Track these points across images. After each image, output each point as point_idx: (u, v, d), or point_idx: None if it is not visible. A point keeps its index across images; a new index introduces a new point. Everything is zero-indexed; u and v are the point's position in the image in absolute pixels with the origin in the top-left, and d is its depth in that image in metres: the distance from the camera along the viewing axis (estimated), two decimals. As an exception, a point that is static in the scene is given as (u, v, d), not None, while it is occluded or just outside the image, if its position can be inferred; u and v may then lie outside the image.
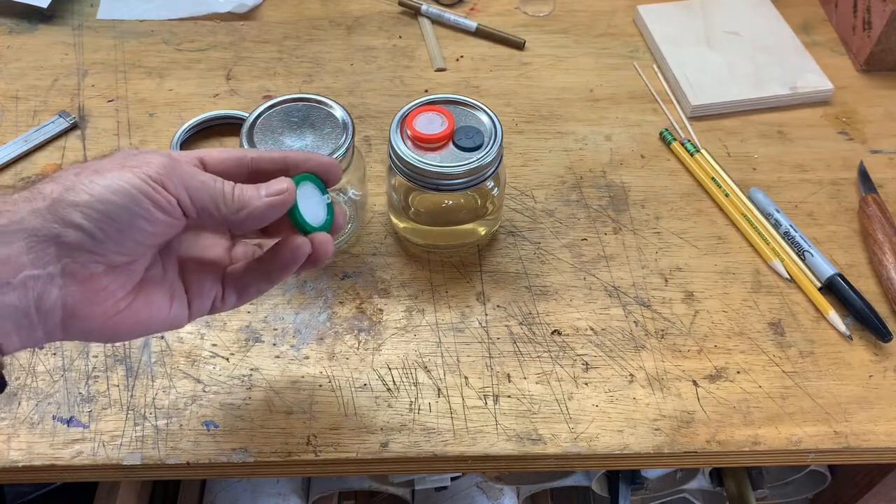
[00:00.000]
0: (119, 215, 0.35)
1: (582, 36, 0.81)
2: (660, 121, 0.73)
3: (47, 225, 0.34)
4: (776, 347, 0.58)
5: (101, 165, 0.36)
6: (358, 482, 0.81)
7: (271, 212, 0.40)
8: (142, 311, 0.39)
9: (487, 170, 0.56)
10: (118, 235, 0.35)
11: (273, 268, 0.43)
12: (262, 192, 0.40)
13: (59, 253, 0.34)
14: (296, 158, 0.43)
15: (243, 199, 0.39)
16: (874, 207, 0.64)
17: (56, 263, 0.34)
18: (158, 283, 0.41)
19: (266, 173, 0.42)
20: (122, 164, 0.36)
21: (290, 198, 0.41)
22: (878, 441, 0.53)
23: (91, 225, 0.34)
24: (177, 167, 0.37)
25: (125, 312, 0.38)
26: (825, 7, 0.84)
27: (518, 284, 0.61)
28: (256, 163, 0.42)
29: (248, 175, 0.42)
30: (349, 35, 0.81)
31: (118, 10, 0.82)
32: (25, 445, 0.52)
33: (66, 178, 0.35)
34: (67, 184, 0.35)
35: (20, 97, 0.73)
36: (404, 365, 0.56)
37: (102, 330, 0.38)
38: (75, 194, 0.34)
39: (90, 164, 0.37)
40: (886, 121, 0.74)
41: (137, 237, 0.36)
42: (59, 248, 0.34)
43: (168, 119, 0.72)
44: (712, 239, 0.64)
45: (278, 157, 0.42)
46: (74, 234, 0.34)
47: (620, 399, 0.55)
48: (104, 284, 0.37)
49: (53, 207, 0.34)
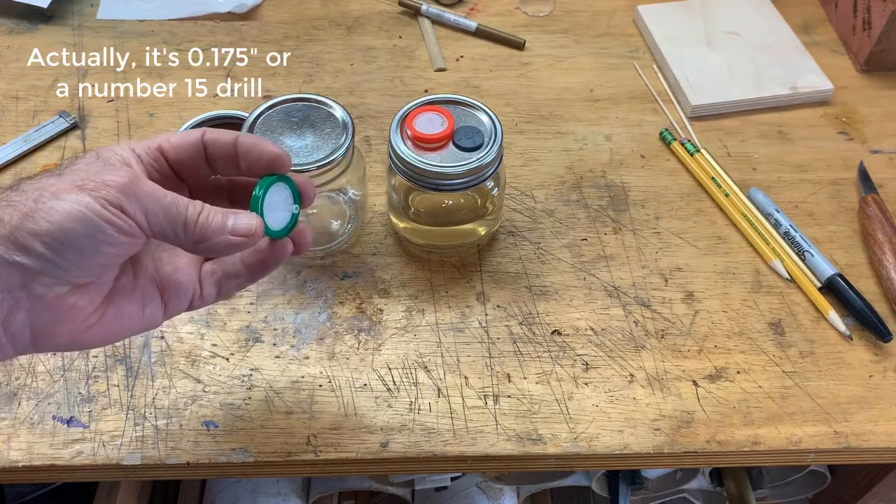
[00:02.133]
0: (80, 242, 0.34)
1: (582, 36, 0.81)
2: (660, 121, 0.73)
3: (9, 252, 0.33)
4: (776, 347, 0.58)
5: (59, 187, 0.35)
6: (358, 482, 0.81)
7: (233, 250, 0.39)
8: (112, 321, 0.39)
9: (487, 170, 0.56)
10: (81, 260, 0.35)
11: (255, 267, 0.43)
12: (228, 223, 0.38)
13: (24, 279, 0.34)
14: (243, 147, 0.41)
15: (207, 230, 0.37)
16: (874, 207, 0.64)
17: (21, 289, 0.34)
18: (129, 292, 0.40)
19: (220, 160, 0.41)
20: (80, 186, 0.34)
21: (256, 240, 0.39)
22: (878, 441, 0.53)
23: (52, 254, 0.34)
24: (136, 189, 0.36)
25: (95, 326, 0.38)
26: (825, 7, 0.84)
27: (518, 284, 0.61)
28: (210, 149, 0.41)
29: (205, 158, 0.41)
30: (349, 35, 0.81)
31: (118, 10, 0.82)
32: (25, 445, 0.52)
33: (25, 203, 0.34)
34: (26, 209, 0.34)
35: (20, 97, 0.73)
36: (404, 365, 0.56)
37: (74, 344, 0.38)
38: (35, 223, 0.33)
39: (47, 182, 0.35)
40: (886, 121, 0.74)
41: (101, 260, 0.36)
42: (23, 274, 0.34)
43: (168, 119, 0.72)
44: (712, 239, 0.64)
45: (230, 142, 0.40)
46: (37, 263, 0.34)
47: (620, 399, 0.55)
48: (72, 303, 0.36)
49: (13, 236, 0.33)
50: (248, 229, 0.38)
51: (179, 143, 0.40)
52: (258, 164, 0.41)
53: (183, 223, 0.37)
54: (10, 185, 0.36)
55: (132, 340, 0.57)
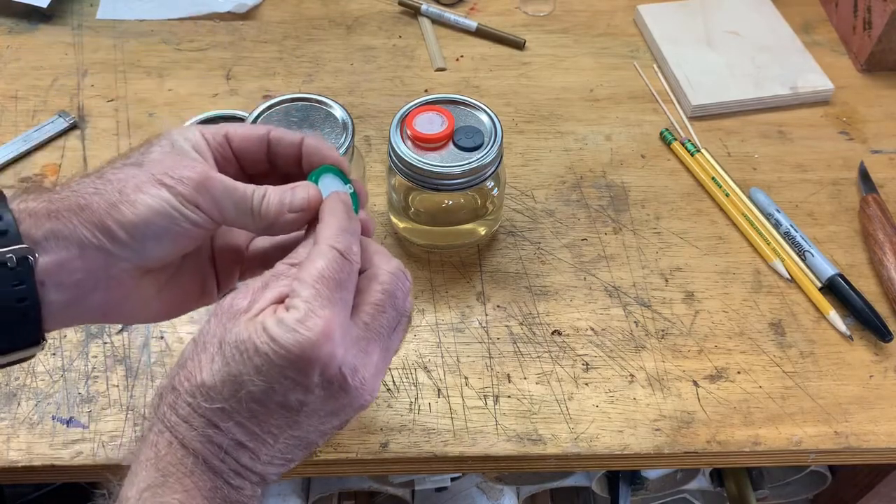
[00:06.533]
0: (160, 233, 0.37)
1: (582, 36, 0.81)
2: (660, 121, 0.73)
3: (97, 238, 0.36)
4: (776, 348, 0.58)
5: (141, 179, 0.37)
6: (358, 482, 0.81)
7: (295, 225, 0.40)
8: (173, 298, 0.42)
9: (487, 170, 0.56)
10: (158, 248, 0.38)
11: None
12: (285, 203, 0.39)
13: (107, 261, 0.37)
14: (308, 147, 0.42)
15: (269, 214, 0.39)
16: (874, 207, 0.64)
17: (102, 270, 0.37)
18: (189, 271, 0.43)
19: (282, 157, 0.42)
20: (160, 181, 0.37)
21: (312, 213, 0.40)
22: (878, 441, 0.53)
23: (134, 242, 0.37)
24: (209, 184, 0.38)
25: (156, 302, 0.41)
26: (825, 7, 0.84)
27: (518, 284, 0.61)
28: (275, 146, 0.42)
29: (267, 153, 0.42)
30: (349, 35, 0.81)
31: (118, 10, 0.82)
32: (25, 446, 0.52)
33: (112, 194, 0.37)
34: (113, 199, 0.37)
35: (20, 97, 0.73)
36: (404, 365, 0.56)
37: (137, 318, 0.42)
38: (120, 213, 0.36)
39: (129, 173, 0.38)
40: (887, 121, 0.74)
41: (176, 249, 0.39)
42: (106, 257, 0.37)
43: (168, 119, 0.72)
44: (712, 239, 0.64)
45: (296, 142, 0.42)
46: (119, 248, 0.37)
47: (620, 399, 0.55)
48: (141, 283, 0.39)
49: (102, 223, 0.36)
50: (304, 202, 0.40)
51: (245, 135, 0.42)
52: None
53: (250, 212, 0.39)
54: (94, 172, 0.38)
55: (132, 341, 0.57)
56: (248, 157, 0.42)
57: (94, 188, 0.37)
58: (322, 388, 0.35)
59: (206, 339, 0.36)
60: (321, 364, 0.34)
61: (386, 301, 0.39)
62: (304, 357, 0.34)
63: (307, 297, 0.35)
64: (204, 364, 0.35)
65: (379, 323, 0.38)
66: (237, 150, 0.42)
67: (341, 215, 0.39)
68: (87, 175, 0.38)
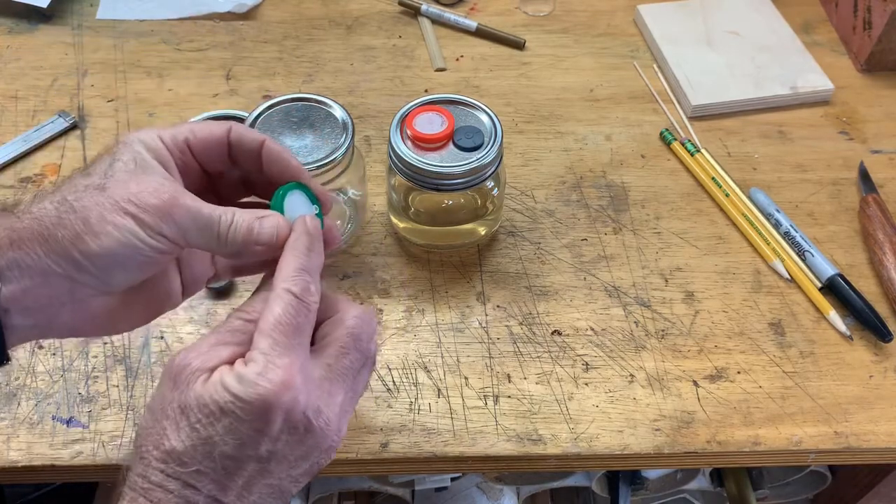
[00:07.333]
0: (125, 262, 0.37)
1: (582, 36, 0.81)
2: (660, 121, 0.73)
3: (62, 267, 0.37)
4: (776, 348, 0.58)
5: (105, 208, 0.37)
6: (358, 482, 0.81)
7: (263, 256, 0.40)
8: (138, 310, 0.42)
9: (487, 170, 0.56)
10: (124, 276, 0.38)
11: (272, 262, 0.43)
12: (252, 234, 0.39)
13: (71, 287, 0.37)
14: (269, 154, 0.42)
15: (236, 243, 0.39)
16: (874, 207, 0.64)
17: (67, 294, 0.38)
18: (153, 285, 0.42)
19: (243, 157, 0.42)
20: (123, 209, 0.37)
21: (281, 242, 0.40)
22: (878, 441, 0.53)
23: (101, 272, 0.37)
24: (175, 213, 0.37)
25: (123, 316, 0.41)
26: (825, 7, 0.84)
27: (518, 284, 0.61)
28: (235, 147, 0.42)
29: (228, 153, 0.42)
30: (349, 35, 0.81)
31: (118, 10, 0.82)
32: (25, 446, 0.52)
33: (76, 223, 0.36)
34: (76, 229, 0.36)
35: (20, 97, 0.73)
36: (404, 365, 0.56)
37: (104, 332, 0.42)
38: (85, 245, 0.36)
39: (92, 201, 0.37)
40: (887, 121, 0.74)
41: (142, 274, 0.39)
42: (70, 284, 0.37)
43: (168, 119, 0.72)
44: (712, 239, 0.64)
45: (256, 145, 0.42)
46: (85, 277, 0.37)
47: (620, 399, 0.55)
48: (106, 302, 0.40)
49: (67, 253, 0.36)
50: (271, 238, 0.39)
51: (205, 138, 0.41)
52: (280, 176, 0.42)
53: (216, 239, 0.39)
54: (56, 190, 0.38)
55: (132, 341, 0.57)
56: (208, 158, 0.42)
57: (58, 216, 0.37)
58: (288, 434, 0.36)
59: (163, 405, 0.36)
60: (283, 411, 0.35)
61: (350, 344, 0.39)
62: (267, 407, 0.34)
63: (264, 348, 0.35)
64: (170, 432, 0.35)
65: (342, 365, 0.39)
66: (198, 153, 0.41)
67: (301, 251, 0.39)
68: (48, 194, 0.38)
